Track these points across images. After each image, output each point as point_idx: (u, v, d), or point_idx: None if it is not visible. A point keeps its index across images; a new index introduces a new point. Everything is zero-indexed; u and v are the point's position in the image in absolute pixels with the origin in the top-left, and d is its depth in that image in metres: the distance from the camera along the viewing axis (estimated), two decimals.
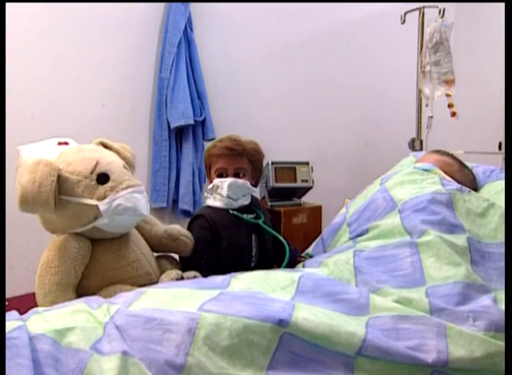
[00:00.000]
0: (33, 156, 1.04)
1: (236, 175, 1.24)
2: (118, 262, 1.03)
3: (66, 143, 1.12)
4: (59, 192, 0.97)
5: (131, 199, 1.00)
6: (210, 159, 1.27)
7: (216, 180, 1.24)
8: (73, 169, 0.99)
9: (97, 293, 0.99)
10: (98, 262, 1.02)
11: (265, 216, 1.31)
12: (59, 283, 0.96)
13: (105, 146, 1.12)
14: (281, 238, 1.29)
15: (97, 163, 1.01)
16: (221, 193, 1.23)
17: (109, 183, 1.00)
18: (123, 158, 1.12)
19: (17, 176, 1.06)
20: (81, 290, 1.00)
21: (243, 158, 1.25)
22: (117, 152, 1.12)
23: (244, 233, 1.24)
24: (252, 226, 1.27)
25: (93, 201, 0.98)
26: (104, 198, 0.98)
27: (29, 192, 0.92)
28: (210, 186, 1.26)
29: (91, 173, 0.99)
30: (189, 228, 1.24)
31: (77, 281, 1.00)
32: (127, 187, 1.01)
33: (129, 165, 1.13)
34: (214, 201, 1.25)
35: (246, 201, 1.27)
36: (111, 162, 1.04)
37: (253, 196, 1.33)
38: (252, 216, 1.29)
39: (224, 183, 1.22)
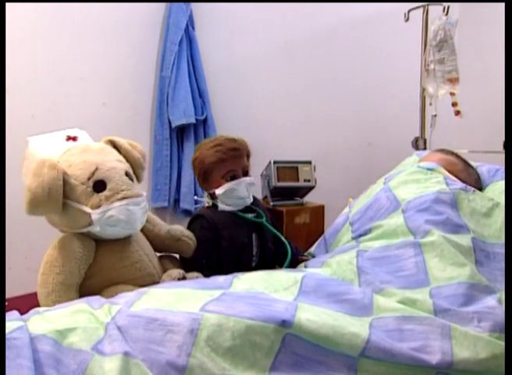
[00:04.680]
0: (40, 149, 1.02)
1: (245, 174, 1.23)
2: (121, 262, 1.02)
3: (75, 138, 1.08)
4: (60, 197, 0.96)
5: (124, 212, 0.98)
6: (213, 165, 1.20)
7: (230, 184, 1.19)
8: (72, 172, 0.98)
9: (100, 293, 0.98)
10: (101, 263, 1.01)
11: (266, 216, 1.30)
12: (63, 283, 0.95)
13: (114, 145, 1.09)
14: (282, 238, 1.28)
15: (96, 169, 0.98)
16: (238, 195, 1.20)
17: (105, 192, 0.97)
18: (132, 159, 1.08)
19: (23, 169, 1.04)
20: (84, 290, 0.99)
21: (245, 157, 1.24)
22: (125, 153, 1.08)
23: (244, 233, 1.24)
24: (252, 225, 1.26)
25: (86, 209, 0.97)
26: (98, 206, 0.97)
27: (39, 197, 0.92)
28: (221, 191, 1.20)
29: (88, 179, 0.97)
30: (189, 228, 1.23)
31: (80, 281, 0.99)
32: (123, 199, 0.98)
33: (138, 166, 1.09)
34: (226, 206, 1.22)
35: (251, 199, 1.27)
36: (112, 167, 1.00)
37: (253, 195, 1.32)
38: (253, 215, 1.28)
39: (240, 185, 1.20)
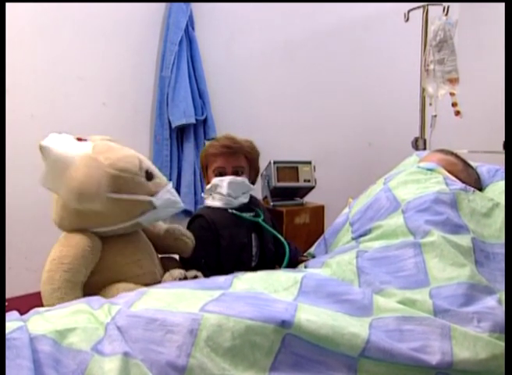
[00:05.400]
0: (67, 150, 0.98)
1: (235, 173, 1.24)
2: (123, 259, 1.03)
3: (84, 139, 1.08)
4: (107, 190, 0.97)
5: (174, 193, 1.09)
6: (207, 159, 1.26)
7: (215, 179, 1.23)
8: (122, 166, 1.00)
9: (102, 291, 0.98)
10: (104, 260, 1.02)
11: (265, 215, 1.31)
12: (69, 281, 0.95)
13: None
14: (280, 237, 1.28)
15: (140, 160, 1.04)
16: (221, 192, 1.22)
17: (155, 180, 1.06)
18: None
19: (48, 175, 0.97)
20: (86, 287, 0.99)
21: (240, 157, 1.25)
22: None
23: (244, 233, 1.24)
24: (252, 225, 1.27)
25: (146, 197, 1.02)
26: (154, 193, 1.03)
27: (90, 187, 0.95)
28: (208, 186, 1.26)
29: (139, 169, 1.02)
30: (188, 228, 1.24)
31: (85, 279, 0.99)
32: (167, 183, 1.08)
33: None
34: (213, 202, 1.25)
35: (245, 199, 1.27)
36: (145, 159, 1.08)
37: (251, 195, 1.32)
38: (251, 214, 1.28)
39: (223, 182, 1.22)
